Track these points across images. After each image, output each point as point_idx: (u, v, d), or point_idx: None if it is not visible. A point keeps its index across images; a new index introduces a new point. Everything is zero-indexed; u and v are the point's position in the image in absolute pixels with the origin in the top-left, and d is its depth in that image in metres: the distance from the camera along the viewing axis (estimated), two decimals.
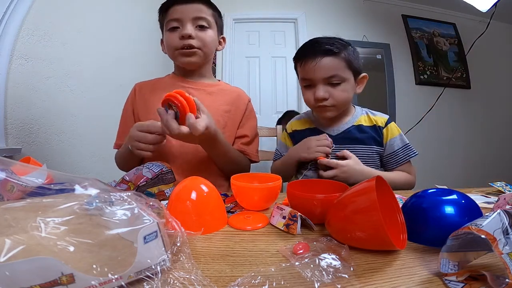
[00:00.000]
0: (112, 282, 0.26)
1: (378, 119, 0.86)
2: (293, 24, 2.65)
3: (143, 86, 0.90)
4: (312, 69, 0.77)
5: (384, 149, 0.84)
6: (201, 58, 0.83)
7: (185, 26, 0.79)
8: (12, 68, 0.85)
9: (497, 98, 2.78)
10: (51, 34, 1.00)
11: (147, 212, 0.32)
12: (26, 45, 0.90)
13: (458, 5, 2.17)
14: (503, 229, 0.26)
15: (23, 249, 0.24)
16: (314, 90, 0.79)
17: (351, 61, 0.78)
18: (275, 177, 0.58)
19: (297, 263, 0.32)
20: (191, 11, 0.79)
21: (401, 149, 0.82)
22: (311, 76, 0.79)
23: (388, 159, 0.84)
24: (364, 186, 0.39)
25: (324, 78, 0.77)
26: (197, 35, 0.80)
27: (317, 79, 0.78)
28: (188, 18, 0.79)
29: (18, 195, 0.36)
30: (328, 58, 0.76)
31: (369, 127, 0.85)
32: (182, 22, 0.79)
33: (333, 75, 0.76)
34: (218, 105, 0.85)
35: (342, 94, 0.78)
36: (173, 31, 0.80)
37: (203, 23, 0.81)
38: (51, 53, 1.00)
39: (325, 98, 0.78)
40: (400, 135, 0.84)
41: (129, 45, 1.60)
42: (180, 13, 0.79)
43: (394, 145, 0.83)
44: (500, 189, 0.67)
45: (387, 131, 0.84)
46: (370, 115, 0.87)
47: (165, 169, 0.59)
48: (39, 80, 0.95)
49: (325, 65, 0.76)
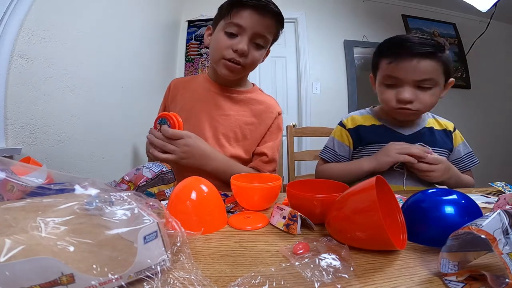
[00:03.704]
0: (112, 282, 0.26)
1: (447, 124, 0.86)
2: (293, 24, 2.65)
3: (178, 83, 0.89)
4: (406, 69, 0.71)
5: (451, 153, 0.83)
6: (241, 74, 0.80)
7: (243, 39, 0.72)
8: (12, 68, 0.85)
9: (497, 98, 2.78)
10: (51, 34, 1.00)
11: (147, 212, 0.32)
12: (26, 45, 0.90)
13: (458, 5, 2.17)
14: (503, 229, 0.26)
15: (23, 249, 0.24)
16: (398, 90, 0.74)
17: (447, 65, 0.72)
18: (275, 177, 0.58)
19: (297, 263, 0.32)
20: (259, 25, 0.72)
21: (466, 156, 0.83)
22: (402, 76, 0.72)
23: (453, 164, 0.81)
24: (364, 186, 0.39)
25: (416, 80, 0.71)
26: (250, 52, 0.74)
27: (407, 80, 0.72)
28: (251, 31, 0.72)
29: (18, 195, 0.36)
30: (427, 61, 0.70)
31: (440, 131, 0.84)
32: (243, 32, 0.72)
33: (428, 78, 0.71)
34: (241, 116, 0.81)
35: (431, 98, 0.73)
36: (229, 36, 0.73)
37: (261, 42, 0.75)
38: (51, 53, 1.00)
39: (411, 101, 0.73)
40: (464, 142, 0.85)
41: (130, 45, 1.60)
42: (247, 22, 0.71)
43: (461, 151, 0.83)
44: (500, 189, 0.67)
45: (456, 137, 0.84)
46: (438, 119, 0.87)
47: (165, 169, 0.59)
48: (39, 80, 0.95)
49: (423, 67, 0.70)
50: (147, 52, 1.84)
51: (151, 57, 1.95)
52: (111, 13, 1.40)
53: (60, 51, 1.05)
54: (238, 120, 0.80)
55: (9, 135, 0.86)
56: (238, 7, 0.72)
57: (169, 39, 2.36)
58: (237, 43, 0.72)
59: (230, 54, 0.73)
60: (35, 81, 0.94)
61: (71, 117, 1.12)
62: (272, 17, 0.74)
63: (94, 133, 1.26)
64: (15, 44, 0.86)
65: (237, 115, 0.80)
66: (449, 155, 0.83)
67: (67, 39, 1.08)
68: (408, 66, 0.71)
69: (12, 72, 0.85)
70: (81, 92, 1.17)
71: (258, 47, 0.76)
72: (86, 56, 1.20)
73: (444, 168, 0.72)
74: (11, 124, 0.86)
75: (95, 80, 1.27)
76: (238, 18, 0.71)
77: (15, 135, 0.88)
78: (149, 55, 1.90)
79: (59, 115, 1.05)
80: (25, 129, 0.91)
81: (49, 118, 1.00)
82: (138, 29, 1.71)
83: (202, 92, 0.83)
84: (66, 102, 1.08)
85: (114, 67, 1.43)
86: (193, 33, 2.55)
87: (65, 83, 1.08)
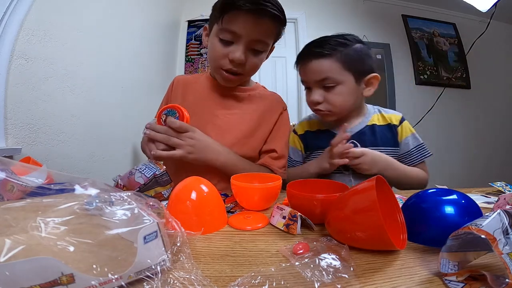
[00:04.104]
0: (112, 282, 0.26)
1: (392, 117, 0.83)
2: (293, 24, 2.65)
3: (180, 80, 0.87)
4: (306, 71, 0.75)
5: (399, 148, 0.82)
6: (241, 81, 0.76)
7: (238, 48, 0.66)
8: (12, 68, 0.85)
9: (497, 98, 2.78)
10: (51, 34, 1.00)
11: (147, 212, 0.32)
12: (26, 45, 0.90)
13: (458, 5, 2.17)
14: (503, 229, 0.26)
15: (23, 249, 0.24)
16: (311, 93, 0.77)
17: (349, 61, 0.72)
18: (275, 177, 0.58)
19: (297, 263, 0.32)
20: (255, 32, 0.65)
21: (416, 149, 0.81)
22: (305, 78, 0.77)
23: (403, 158, 0.82)
24: (364, 186, 0.39)
25: (316, 81, 0.74)
26: (248, 59, 0.68)
27: (310, 82, 0.76)
28: (248, 38, 0.65)
29: (18, 195, 0.36)
30: (318, 61, 0.72)
31: (383, 126, 0.82)
32: (238, 39, 0.66)
33: (325, 77, 0.72)
34: (246, 113, 0.79)
35: (337, 98, 0.74)
36: (224, 44, 0.67)
37: (260, 48, 0.69)
38: (51, 53, 1.00)
39: (319, 102, 0.75)
40: (413, 134, 0.82)
41: (130, 45, 1.60)
42: (242, 28, 0.64)
43: (409, 144, 0.81)
44: (500, 189, 0.67)
45: (402, 130, 0.82)
46: (383, 113, 0.84)
47: (158, 172, 0.56)
48: (39, 80, 0.95)
49: (315, 67, 0.73)
50: (147, 52, 1.84)
51: (151, 57, 1.95)
52: (111, 13, 1.40)
53: (60, 51, 1.05)
54: (243, 118, 0.78)
55: (9, 135, 0.86)
56: (231, 11, 0.63)
57: (169, 39, 2.36)
58: (233, 51, 0.66)
59: (226, 64, 0.68)
60: (35, 81, 0.94)
61: (71, 117, 1.12)
62: (271, 20, 0.65)
63: (94, 133, 1.26)
64: (15, 44, 0.86)
65: (242, 113, 0.78)
66: (396, 150, 0.81)
67: (67, 39, 1.08)
68: (307, 68, 0.74)
69: (12, 72, 0.85)
70: (81, 92, 1.17)
71: (257, 52, 0.70)
72: (86, 56, 1.20)
73: (370, 159, 0.72)
74: (11, 124, 0.86)
75: (95, 80, 1.27)
76: (231, 24, 0.64)
77: (15, 135, 0.88)
78: (149, 55, 1.90)
79: (59, 115, 1.05)
80: (25, 129, 0.91)
81: (49, 118, 1.00)
82: (138, 29, 1.71)
83: (204, 91, 0.82)
84: (66, 102, 1.08)
85: (114, 67, 1.43)
86: (193, 33, 2.55)
87: (65, 83, 1.08)
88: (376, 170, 0.72)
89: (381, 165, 0.73)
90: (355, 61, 0.73)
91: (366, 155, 0.72)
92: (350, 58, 0.72)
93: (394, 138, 0.81)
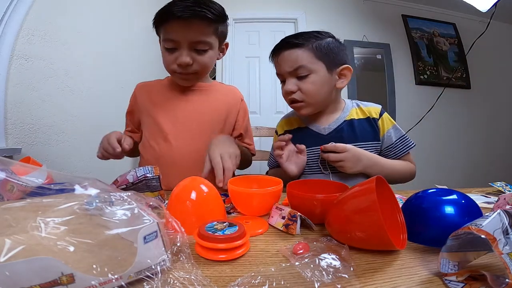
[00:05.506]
0: (112, 282, 0.26)
1: (371, 110, 0.81)
2: (293, 24, 2.65)
3: (143, 86, 0.90)
4: (278, 63, 0.77)
5: (382, 142, 0.80)
6: (198, 78, 0.82)
7: (182, 52, 0.72)
8: (12, 68, 0.85)
9: (497, 98, 2.78)
10: (51, 34, 1.00)
11: (147, 212, 0.32)
12: (26, 45, 0.90)
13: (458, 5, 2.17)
14: (503, 229, 0.26)
15: (23, 249, 0.24)
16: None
17: (321, 51, 0.73)
18: (276, 180, 0.56)
19: (297, 263, 0.32)
20: (190, 35, 0.71)
21: (399, 140, 0.79)
22: (279, 70, 0.78)
23: (387, 152, 0.80)
24: (364, 187, 0.39)
25: (290, 71, 0.74)
26: (196, 59, 0.74)
27: (284, 73, 0.76)
28: (186, 42, 0.71)
29: (18, 195, 0.36)
30: (291, 50, 0.74)
31: (363, 120, 0.80)
32: (179, 45, 0.72)
33: (298, 66, 0.73)
34: (214, 105, 0.85)
35: (310, 86, 0.74)
36: (170, 52, 0.74)
37: (203, 47, 0.74)
38: (51, 53, 1.00)
39: (292, 91, 0.75)
40: (394, 125, 0.80)
41: (129, 45, 1.60)
42: (178, 35, 0.70)
43: (392, 136, 0.79)
44: (500, 189, 0.67)
45: (383, 122, 0.80)
46: (362, 107, 0.83)
47: (149, 175, 0.55)
48: (39, 80, 0.95)
49: (289, 57, 0.74)
50: (147, 52, 1.84)
51: (151, 57, 1.95)
52: (111, 13, 1.40)
53: (60, 51, 1.05)
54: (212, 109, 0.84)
55: (9, 135, 0.86)
56: (165, 22, 0.71)
57: None
58: (178, 56, 0.73)
59: (177, 68, 0.75)
60: (35, 81, 0.94)
61: (71, 117, 1.12)
62: (202, 20, 0.70)
63: (94, 133, 1.25)
64: (15, 44, 0.86)
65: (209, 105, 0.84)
66: (377, 145, 0.79)
67: (67, 39, 1.08)
68: (281, 58, 0.76)
69: (12, 72, 0.85)
70: (81, 92, 1.17)
71: (201, 52, 0.74)
72: (86, 56, 1.20)
73: (352, 156, 0.70)
74: (11, 124, 0.86)
75: (95, 80, 1.27)
76: (169, 34, 0.71)
77: (15, 135, 0.88)
78: (149, 55, 1.90)
79: (59, 115, 1.05)
80: (25, 129, 0.91)
81: (49, 118, 1.00)
82: (138, 29, 1.71)
83: (169, 92, 0.85)
84: (66, 102, 1.09)
85: (114, 67, 1.43)
86: None
87: (65, 83, 1.08)
88: (360, 168, 0.71)
89: (366, 163, 0.72)
90: (327, 51, 0.74)
91: (349, 151, 0.71)
92: (321, 48, 0.74)
93: (375, 132, 0.79)
